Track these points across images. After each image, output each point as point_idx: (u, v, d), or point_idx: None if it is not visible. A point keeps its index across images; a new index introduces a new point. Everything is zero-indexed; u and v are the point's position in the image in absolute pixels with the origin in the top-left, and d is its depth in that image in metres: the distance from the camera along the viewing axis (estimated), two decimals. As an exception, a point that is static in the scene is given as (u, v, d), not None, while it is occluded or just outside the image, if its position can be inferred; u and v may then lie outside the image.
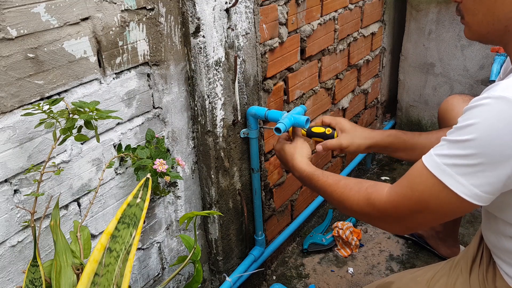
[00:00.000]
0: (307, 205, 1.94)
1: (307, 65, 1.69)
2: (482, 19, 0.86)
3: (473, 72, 2.19)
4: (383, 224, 0.99)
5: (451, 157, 0.79)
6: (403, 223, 0.93)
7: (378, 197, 0.94)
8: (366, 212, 0.98)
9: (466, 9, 0.88)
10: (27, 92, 0.87)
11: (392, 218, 0.94)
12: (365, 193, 0.98)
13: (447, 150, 0.80)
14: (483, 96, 0.77)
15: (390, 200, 0.92)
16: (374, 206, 0.95)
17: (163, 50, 1.13)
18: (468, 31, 0.91)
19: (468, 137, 0.76)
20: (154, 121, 1.18)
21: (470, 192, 0.79)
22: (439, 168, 0.81)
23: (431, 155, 0.84)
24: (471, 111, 0.79)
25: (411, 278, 1.15)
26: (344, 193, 1.03)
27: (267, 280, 1.73)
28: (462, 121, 0.80)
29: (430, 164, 0.83)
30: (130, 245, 0.72)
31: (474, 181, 0.78)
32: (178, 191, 1.31)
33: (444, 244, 1.73)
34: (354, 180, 1.05)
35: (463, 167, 0.78)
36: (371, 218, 0.99)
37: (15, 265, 0.93)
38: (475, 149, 0.76)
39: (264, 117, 1.32)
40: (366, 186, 0.99)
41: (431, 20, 2.24)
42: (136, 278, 1.25)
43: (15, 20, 0.81)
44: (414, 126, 2.51)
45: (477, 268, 1.06)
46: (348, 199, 1.01)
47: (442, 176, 0.80)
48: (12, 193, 0.89)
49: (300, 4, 1.55)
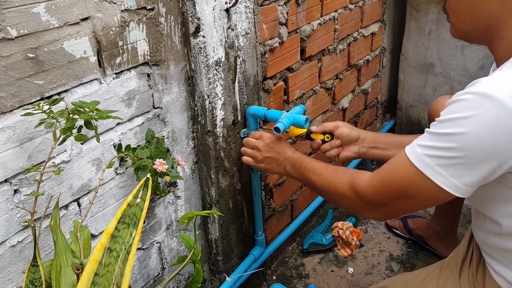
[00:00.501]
0: (307, 205, 1.94)
1: (307, 65, 1.69)
2: (465, 18, 0.88)
3: (473, 72, 2.19)
4: (363, 209, 1.00)
5: (432, 148, 0.81)
6: (382, 208, 0.95)
7: (359, 182, 0.97)
8: (348, 197, 1.00)
9: (450, 8, 0.90)
10: (27, 92, 0.87)
11: (372, 203, 0.95)
12: (350, 177, 1.00)
13: (428, 141, 0.82)
14: (466, 91, 0.79)
15: (370, 185, 0.94)
16: (356, 190, 0.97)
17: (163, 50, 1.13)
18: (453, 30, 0.93)
19: (450, 131, 0.78)
20: (154, 121, 1.18)
21: (449, 182, 0.80)
22: (419, 158, 0.83)
23: (413, 145, 0.86)
24: (453, 105, 0.80)
25: (404, 282, 1.17)
26: (331, 177, 1.06)
27: (267, 280, 1.73)
28: (444, 115, 0.82)
29: (411, 154, 0.85)
30: (130, 245, 0.72)
31: (453, 172, 0.80)
32: (178, 191, 1.32)
33: (444, 244, 1.73)
34: (341, 167, 1.08)
35: (442, 159, 0.80)
36: (353, 203, 1.00)
37: (15, 265, 0.93)
38: (457, 143, 0.77)
39: (264, 116, 1.32)
40: (351, 172, 1.02)
41: (431, 20, 2.24)
42: (136, 278, 1.25)
43: (15, 20, 0.81)
44: (414, 126, 2.51)
45: (467, 268, 1.07)
46: (334, 181, 1.04)
47: (421, 166, 0.82)
48: (12, 193, 0.89)
49: (300, 4, 1.55)
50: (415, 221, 1.85)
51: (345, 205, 1.05)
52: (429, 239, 1.77)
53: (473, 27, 0.88)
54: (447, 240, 1.72)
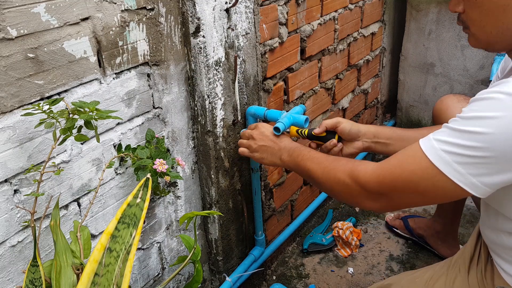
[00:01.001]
0: (307, 205, 1.94)
1: (307, 65, 1.69)
2: (491, 30, 0.84)
3: (473, 72, 2.19)
4: (362, 199, 0.96)
5: (452, 145, 0.78)
6: (384, 199, 0.92)
7: (363, 171, 0.93)
8: (349, 184, 0.96)
9: (472, 21, 0.86)
10: (27, 92, 0.87)
11: (373, 194, 0.92)
12: (352, 165, 0.97)
13: (447, 137, 0.79)
14: (495, 90, 0.75)
15: (375, 174, 0.91)
16: (357, 178, 0.94)
17: (163, 50, 1.13)
18: (475, 41, 0.89)
19: (477, 130, 0.75)
20: (154, 121, 1.18)
21: (467, 180, 0.78)
22: (436, 154, 0.80)
23: (429, 139, 0.82)
24: (480, 103, 0.77)
25: (410, 279, 1.15)
26: (332, 163, 1.02)
27: (267, 280, 1.73)
28: (468, 111, 0.78)
29: (426, 147, 0.82)
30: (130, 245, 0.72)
31: (472, 171, 0.77)
32: (178, 191, 1.32)
33: (444, 244, 1.73)
34: (345, 158, 1.06)
35: (463, 157, 0.77)
36: (353, 192, 0.96)
37: (15, 265, 0.93)
38: (481, 143, 0.74)
39: (264, 116, 1.32)
40: (354, 161, 1.00)
41: (431, 20, 2.24)
42: (136, 278, 1.25)
43: (15, 20, 0.81)
44: (414, 126, 2.51)
45: (475, 266, 1.06)
46: (335, 169, 1.00)
47: (438, 161, 0.79)
48: (12, 193, 0.89)
49: (300, 4, 1.55)
50: (415, 221, 1.85)
51: (344, 195, 1.01)
52: (430, 238, 1.77)
53: (500, 37, 0.84)
54: (448, 240, 1.72)
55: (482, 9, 0.82)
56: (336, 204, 2.14)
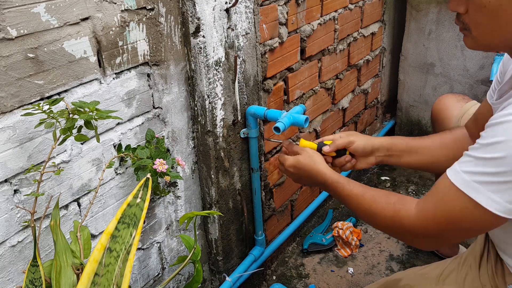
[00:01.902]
0: (307, 205, 1.94)
1: (307, 65, 1.69)
2: (496, 35, 0.82)
3: (473, 72, 2.19)
4: (411, 240, 0.98)
5: (482, 174, 0.78)
6: (432, 240, 0.92)
7: (406, 215, 0.93)
8: (394, 229, 0.97)
9: (476, 24, 0.83)
10: (27, 92, 0.87)
11: (422, 236, 0.92)
12: (393, 210, 0.96)
13: (475, 167, 0.79)
14: (508, 113, 0.76)
15: (419, 218, 0.90)
16: (402, 224, 0.93)
17: (163, 50, 1.13)
18: (474, 43, 0.87)
19: (498, 155, 0.75)
20: (154, 121, 1.18)
21: (504, 208, 0.78)
22: (470, 186, 0.80)
23: (458, 172, 0.82)
24: (497, 127, 0.77)
25: (420, 274, 1.15)
26: (372, 207, 1.01)
27: (267, 280, 1.73)
28: (487, 138, 0.78)
29: (459, 182, 0.82)
30: (130, 245, 0.72)
31: (508, 197, 0.77)
32: (178, 191, 1.32)
33: (443, 244, 1.73)
34: (381, 193, 1.03)
35: (495, 184, 0.77)
36: (399, 234, 0.98)
37: (15, 265, 0.93)
38: (507, 167, 0.75)
39: (264, 116, 1.32)
40: (393, 202, 0.97)
41: (431, 20, 2.24)
42: (136, 278, 1.25)
43: (15, 20, 0.81)
44: (414, 126, 2.51)
45: (485, 263, 1.06)
46: (376, 215, 1.00)
47: (474, 194, 0.79)
48: (12, 193, 0.89)
49: (300, 4, 1.55)
50: (415, 221, 1.85)
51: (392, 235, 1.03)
52: (429, 239, 1.77)
53: (502, 42, 0.83)
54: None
55: (490, 14, 0.79)
56: (336, 204, 2.14)
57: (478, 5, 0.80)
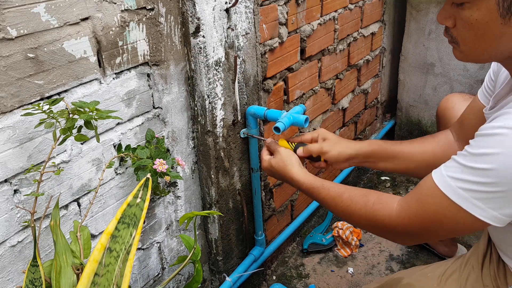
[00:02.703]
0: (307, 205, 1.94)
1: (307, 65, 1.69)
2: (483, 52, 0.82)
3: (473, 72, 2.19)
4: (390, 237, 0.99)
5: (468, 182, 0.79)
6: (414, 237, 0.93)
7: (387, 215, 0.93)
8: (375, 227, 0.98)
9: (464, 40, 0.83)
10: (27, 92, 0.87)
11: (403, 234, 0.93)
12: (372, 210, 0.96)
13: (462, 174, 0.80)
14: (500, 125, 0.77)
15: (400, 218, 0.91)
16: (383, 224, 0.94)
17: (163, 50, 1.13)
18: (462, 57, 0.87)
19: (486, 167, 0.76)
20: (154, 121, 1.18)
21: (488, 214, 0.79)
22: (455, 192, 0.81)
23: (443, 176, 0.83)
24: (486, 138, 0.78)
25: (421, 274, 1.16)
26: (350, 207, 1.01)
27: (267, 280, 1.73)
28: (476, 147, 0.79)
29: (443, 186, 0.82)
30: (130, 245, 0.72)
31: (492, 205, 0.78)
32: (178, 191, 1.32)
33: (442, 243, 1.74)
34: (358, 193, 1.02)
35: (480, 193, 0.78)
36: (378, 233, 0.99)
37: (15, 265, 0.93)
38: (494, 179, 0.76)
39: (264, 116, 1.32)
40: (373, 201, 0.97)
41: (431, 20, 2.24)
42: (136, 278, 1.25)
43: (15, 20, 0.81)
44: (414, 126, 2.51)
45: (488, 264, 1.07)
46: (354, 214, 1.00)
47: (458, 200, 0.80)
48: (12, 193, 0.89)
49: (300, 4, 1.55)
50: (414, 221, 1.85)
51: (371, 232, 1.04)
52: (429, 238, 1.77)
53: (491, 58, 0.84)
54: (446, 240, 1.72)
55: (477, 32, 0.80)
56: (336, 204, 2.14)
57: (466, 22, 0.80)
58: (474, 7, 0.77)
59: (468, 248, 1.79)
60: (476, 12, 0.78)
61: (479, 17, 0.78)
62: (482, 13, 0.77)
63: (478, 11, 0.77)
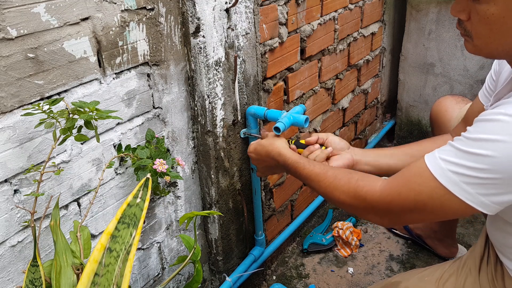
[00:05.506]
0: (307, 205, 1.94)
1: (307, 65, 1.69)
2: (497, 46, 0.81)
3: (473, 72, 2.19)
4: (370, 216, 0.97)
5: (460, 166, 0.78)
6: (393, 217, 0.92)
7: (370, 191, 0.92)
8: (354, 204, 0.96)
9: (478, 34, 0.82)
10: (27, 92, 0.87)
11: (382, 212, 0.92)
12: (355, 185, 0.95)
13: (455, 158, 0.79)
14: (500, 111, 0.76)
15: (383, 195, 0.90)
16: (365, 199, 0.93)
17: (163, 50, 1.13)
18: (475, 50, 0.86)
19: (483, 152, 0.75)
20: (154, 121, 1.18)
21: (476, 199, 0.78)
22: (444, 175, 0.80)
23: (435, 158, 0.82)
24: (485, 124, 0.77)
25: (419, 277, 1.15)
26: (333, 183, 1.00)
27: (267, 280, 1.73)
28: (474, 132, 0.78)
29: (434, 168, 0.82)
30: (130, 245, 0.72)
31: (481, 191, 0.77)
32: (178, 191, 1.32)
33: (442, 244, 1.73)
34: (343, 171, 1.03)
35: (471, 178, 0.77)
36: (359, 210, 0.97)
37: (15, 265, 0.93)
38: (488, 165, 0.75)
39: (264, 116, 1.32)
40: (356, 178, 0.97)
41: (431, 20, 2.24)
42: (136, 278, 1.25)
43: (15, 20, 0.81)
44: (414, 126, 2.51)
45: (485, 267, 1.06)
46: (337, 190, 0.99)
47: (446, 182, 0.79)
48: (12, 193, 0.89)
49: (300, 4, 1.55)
50: (414, 221, 1.85)
51: (350, 211, 1.02)
52: (428, 238, 1.77)
53: (504, 52, 0.83)
54: (446, 240, 1.72)
55: (492, 27, 0.79)
56: (336, 204, 2.14)
57: (481, 16, 0.79)
58: (491, 1, 0.77)
59: (469, 249, 1.79)
60: (493, 7, 0.77)
61: (496, 11, 0.77)
62: (499, 8, 0.76)
63: (495, 6, 0.76)
